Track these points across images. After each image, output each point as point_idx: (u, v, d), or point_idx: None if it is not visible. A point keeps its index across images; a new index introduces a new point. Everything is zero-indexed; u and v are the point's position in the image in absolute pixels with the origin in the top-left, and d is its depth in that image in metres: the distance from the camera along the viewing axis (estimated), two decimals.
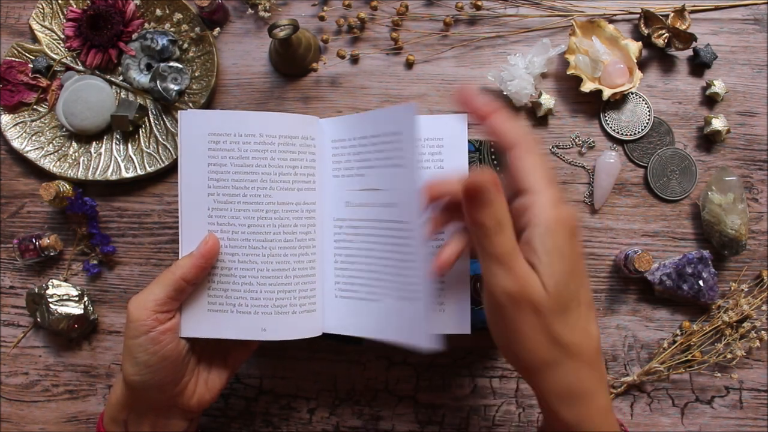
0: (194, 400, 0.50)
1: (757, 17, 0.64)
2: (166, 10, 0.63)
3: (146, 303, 0.47)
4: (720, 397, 0.62)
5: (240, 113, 0.52)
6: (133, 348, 0.47)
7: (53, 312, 0.61)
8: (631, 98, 0.63)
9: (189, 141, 0.51)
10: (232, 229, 0.50)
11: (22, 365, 0.63)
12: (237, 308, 0.50)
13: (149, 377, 0.47)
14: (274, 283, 0.51)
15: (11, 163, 0.64)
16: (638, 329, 0.62)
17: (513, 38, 0.64)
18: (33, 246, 0.61)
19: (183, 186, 0.51)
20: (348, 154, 0.52)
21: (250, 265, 0.50)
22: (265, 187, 0.51)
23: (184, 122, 0.51)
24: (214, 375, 0.52)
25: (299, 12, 0.65)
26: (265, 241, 0.50)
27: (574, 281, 0.41)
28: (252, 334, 0.50)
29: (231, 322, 0.50)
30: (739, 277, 0.62)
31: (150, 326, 0.46)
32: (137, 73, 0.62)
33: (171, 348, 0.48)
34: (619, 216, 0.63)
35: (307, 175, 0.52)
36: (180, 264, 0.48)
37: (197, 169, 0.51)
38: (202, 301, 0.50)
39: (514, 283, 0.40)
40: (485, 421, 0.62)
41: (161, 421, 0.51)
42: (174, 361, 0.48)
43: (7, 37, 0.65)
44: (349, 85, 0.64)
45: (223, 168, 0.51)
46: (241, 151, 0.51)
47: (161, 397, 0.49)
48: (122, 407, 0.51)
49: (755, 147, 0.63)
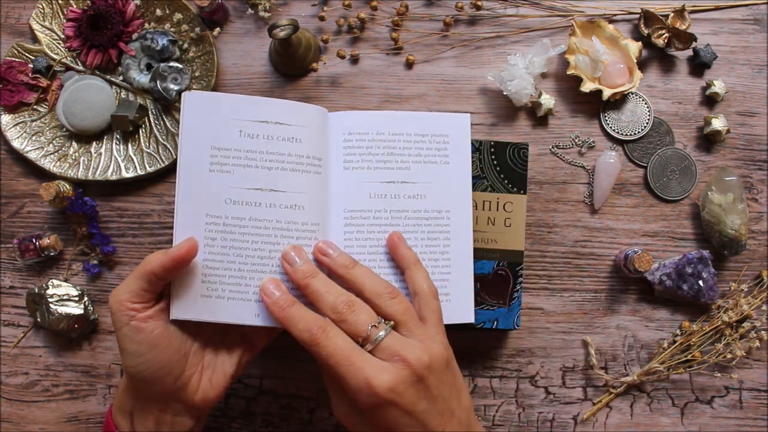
0: (198, 396, 0.50)
1: (757, 17, 0.64)
2: (166, 10, 0.63)
3: (122, 294, 0.47)
4: (720, 397, 0.62)
5: (248, 98, 0.52)
6: (121, 339, 0.48)
7: (53, 312, 0.61)
8: (631, 98, 0.63)
9: (192, 123, 0.51)
10: (225, 213, 0.50)
11: (22, 365, 0.63)
12: (231, 294, 0.50)
13: (143, 368, 0.48)
14: (271, 272, 0.50)
15: (11, 163, 0.64)
16: (638, 329, 0.62)
17: (513, 38, 0.64)
18: (33, 246, 0.61)
19: (182, 168, 0.51)
20: (370, 147, 0.55)
21: (246, 252, 0.50)
22: (267, 173, 0.51)
23: (187, 104, 0.51)
24: (218, 373, 0.52)
25: (299, 12, 0.65)
26: (264, 229, 0.51)
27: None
28: (245, 318, 0.50)
29: (224, 308, 0.50)
30: (739, 277, 0.62)
31: (129, 316, 0.47)
32: (137, 73, 0.62)
33: (158, 335, 0.48)
34: (619, 216, 0.63)
35: (314, 165, 0.53)
36: (150, 259, 0.48)
37: (198, 153, 0.51)
38: (196, 287, 0.50)
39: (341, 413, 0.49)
40: (485, 421, 0.62)
41: (167, 417, 0.50)
42: (165, 349, 0.48)
43: (7, 37, 0.65)
44: (349, 85, 0.64)
45: (224, 153, 0.51)
46: (245, 137, 0.51)
47: (161, 390, 0.49)
48: (127, 396, 0.51)
49: (755, 147, 0.63)
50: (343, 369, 0.44)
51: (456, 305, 0.54)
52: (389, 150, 0.55)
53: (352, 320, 0.46)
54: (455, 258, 0.54)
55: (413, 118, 0.56)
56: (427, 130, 0.55)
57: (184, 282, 0.50)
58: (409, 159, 0.55)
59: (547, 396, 0.62)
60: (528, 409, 0.62)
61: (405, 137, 0.55)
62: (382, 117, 0.56)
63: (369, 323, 0.46)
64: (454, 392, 0.47)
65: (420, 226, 0.54)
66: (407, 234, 0.54)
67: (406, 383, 0.44)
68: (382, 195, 0.54)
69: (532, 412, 0.62)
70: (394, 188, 0.54)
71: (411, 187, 0.54)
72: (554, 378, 0.62)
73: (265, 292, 0.49)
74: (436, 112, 0.63)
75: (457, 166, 0.55)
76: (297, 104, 0.54)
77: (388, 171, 0.54)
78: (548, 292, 0.62)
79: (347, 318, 0.46)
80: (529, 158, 0.59)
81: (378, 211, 0.54)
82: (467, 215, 0.55)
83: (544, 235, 0.62)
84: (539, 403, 0.62)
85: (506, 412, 0.62)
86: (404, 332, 0.47)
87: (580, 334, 0.62)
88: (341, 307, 0.47)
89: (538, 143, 0.63)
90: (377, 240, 0.53)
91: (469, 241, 0.55)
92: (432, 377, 0.45)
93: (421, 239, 0.54)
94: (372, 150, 0.55)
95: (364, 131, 0.55)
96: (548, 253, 0.62)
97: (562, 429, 0.62)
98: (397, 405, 0.44)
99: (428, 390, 0.45)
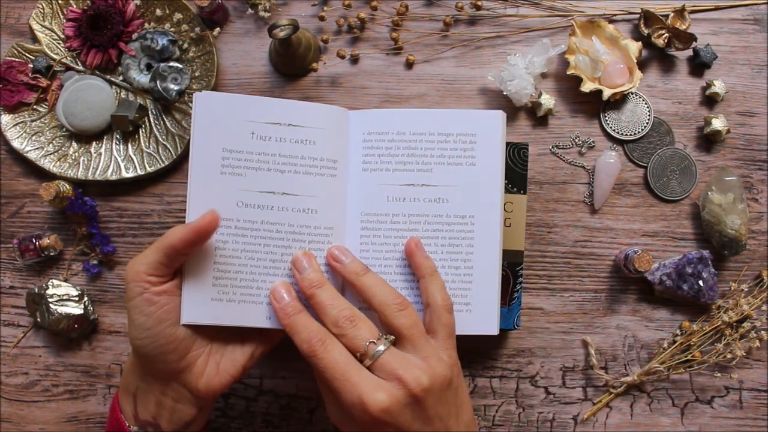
0: (203, 381, 0.50)
1: (757, 17, 0.64)
2: (166, 10, 0.63)
3: (139, 266, 0.47)
4: (720, 397, 0.62)
5: (260, 99, 0.52)
6: (131, 310, 0.48)
7: (53, 312, 0.61)
8: (631, 98, 0.63)
9: (203, 124, 0.51)
10: (237, 216, 0.50)
11: (22, 365, 0.63)
12: (242, 297, 0.50)
13: (148, 341, 0.48)
14: (283, 275, 0.50)
15: (11, 163, 0.64)
16: (638, 329, 0.62)
17: (513, 38, 0.64)
18: (33, 246, 0.61)
19: (193, 170, 0.50)
20: (390, 147, 0.53)
21: (258, 255, 0.50)
22: (280, 176, 0.51)
23: (199, 105, 0.51)
24: (227, 360, 0.51)
25: (299, 12, 0.65)
26: (276, 232, 0.51)
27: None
28: (256, 321, 0.50)
29: (235, 311, 0.50)
30: (739, 277, 0.62)
31: (143, 287, 0.47)
32: (137, 73, 0.62)
33: (168, 310, 0.48)
34: (619, 216, 0.63)
35: (328, 167, 0.52)
36: (171, 232, 0.48)
37: (210, 155, 0.50)
38: (206, 290, 0.50)
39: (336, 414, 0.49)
40: (485, 421, 0.62)
41: (167, 401, 0.50)
42: (172, 325, 0.48)
43: (7, 37, 0.65)
44: (349, 85, 0.64)
45: (236, 155, 0.51)
46: (257, 138, 0.51)
47: (165, 369, 0.49)
48: (133, 376, 0.51)
49: (755, 147, 0.63)
50: (338, 383, 0.44)
51: (478, 316, 0.52)
52: (410, 151, 0.52)
53: (352, 335, 0.46)
54: (479, 266, 0.52)
55: (438, 115, 0.53)
56: (453, 129, 0.52)
57: (195, 285, 0.50)
58: (432, 160, 0.52)
59: (547, 396, 0.62)
60: (528, 409, 0.62)
61: (428, 137, 0.52)
62: (405, 115, 0.53)
63: (368, 339, 0.46)
64: (453, 411, 0.47)
65: (441, 232, 0.52)
66: (427, 240, 0.52)
67: (400, 404, 0.44)
68: (401, 198, 0.52)
69: (532, 412, 0.62)
70: (413, 191, 0.52)
71: (432, 191, 0.52)
72: (554, 378, 0.62)
73: (274, 296, 0.49)
74: (465, 109, 0.62)
75: (485, 167, 0.52)
76: (312, 105, 0.53)
77: (408, 173, 0.52)
78: (548, 292, 0.62)
79: (347, 332, 0.46)
80: (529, 158, 0.59)
81: (396, 215, 0.52)
82: (495, 221, 0.52)
83: (544, 235, 0.62)
84: (539, 403, 0.62)
85: (506, 412, 0.62)
86: (408, 347, 0.47)
87: (580, 334, 0.62)
88: (342, 321, 0.47)
89: (538, 143, 0.63)
90: (394, 245, 0.52)
91: (496, 248, 0.52)
92: (430, 398, 0.45)
93: (441, 245, 0.52)
94: (392, 151, 0.53)
95: (384, 130, 0.53)
96: (548, 253, 0.62)
97: (562, 429, 0.62)
98: (389, 425, 0.44)
99: (425, 411, 0.45)
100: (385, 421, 0.44)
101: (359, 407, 0.43)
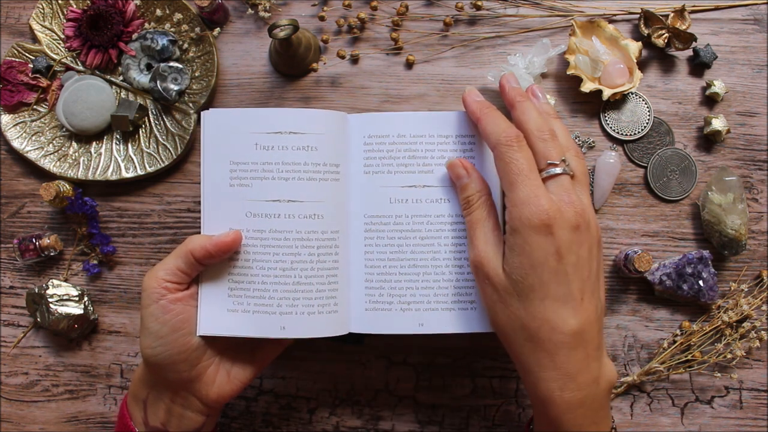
0: (213, 390, 0.50)
1: (757, 17, 0.64)
2: (166, 10, 0.63)
3: (157, 272, 0.49)
4: (720, 397, 0.62)
5: (261, 110, 0.53)
6: (146, 317, 0.48)
7: (53, 312, 0.61)
8: (631, 98, 0.63)
9: (211, 141, 0.52)
10: (246, 226, 0.51)
11: (22, 365, 0.63)
12: (256, 308, 0.51)
13: (161, 350, 0.48)
14: (294, 283, 0.51)
15: (11, 163, 0.64)
16: (638, 329, 0.62)
17: (513, 38, 0.64)
18: (33, 246, 0.61)
19: (205, 185, 0.52)
20: (391, 150, 0.53)
21: (268, 264, 0.51)
22: (284, 184, 0.51)
23: (207, 122, 0.52)
24: (238, 368, 0.52)
25: (299, 12, 0.65)
26: (285, 240, 0.51)
27: (534, 275, 0.44)
28: (271, 332, 0.50)
29: (250, 321, 0.51)
30: (739, 277, 0.62)
31: (160, 294, 0.48)
32: (137, 73, 0.63)
33: (182, 320, 0.49)
34: (619, 216, 0.63)
35: (331, 172, 0.53)
36: (192, 239, 0.49)
37: (219, 170, 0.52)
38: (222, 301, 0.51)
39: (472, 254, 0.49)
40: (485, 421, 0.62)
41: (177, 408, 0.51)
42: (185, 335, 0.49)
43: (7, 37, 0.65)
44: (349, 85, 0.64)
45: (242, 167, 0.51)
46: (261, 149, 0.51)
47: (176, 378, 0.49)
48: (143, 384, 0.51)
49: (755, 147, 0.63)
50: (520, 178, 0.46)
51: (483, 314, 0.52)
52: (411, 153, 0.53)
53: (551, 146, 0.48)
54: None
55: (437, 117, 0.53)
56: (452, 131, 0.53)
57: (212, 295, 0.51)
58: (432, 162, 0.53)
59: None
60: (528, 409, 0.62)
61: (427, 139, 0.53)
62: (404, 118, 0.54)
63: (560, 157, 0.47)
64: (593, 278, 0.47)
65: (444, 232, 0.52)
66: (430, 240, 0.52)
67: (565, 221, 0.45)
68: (403, 200, 0.53)
69: (532, 412, 0.62)
70: (415, 193, 0.53)
71: (433, 191, 0.53)
72: None
73: (469, 93, 0.52)
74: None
75: (485, 168, 0.53)
76: (311, 111, 0.53)
77: (410, 175, 0.53)
78: None
79: (547, 141, 0.48)
80: None
81: (399, 217, 0.53)
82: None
83: None
84: None
85: (506, 412, 0.62)
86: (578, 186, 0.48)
87: None
88: (546, 131, 0.48)
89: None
90: (398, 246, 0.52)
91: None
92: (586, 238, 0.46)
93: (444, 245, 0.52)
94: (393, 153, 0.53)
95: (385, 134, 0.53)
96: None
97: None
98: (551, 235, 0.44)
99: (581, 246, 0.45)
100: (551, 228, 0.44)
101: (533, 202, 0.45)
